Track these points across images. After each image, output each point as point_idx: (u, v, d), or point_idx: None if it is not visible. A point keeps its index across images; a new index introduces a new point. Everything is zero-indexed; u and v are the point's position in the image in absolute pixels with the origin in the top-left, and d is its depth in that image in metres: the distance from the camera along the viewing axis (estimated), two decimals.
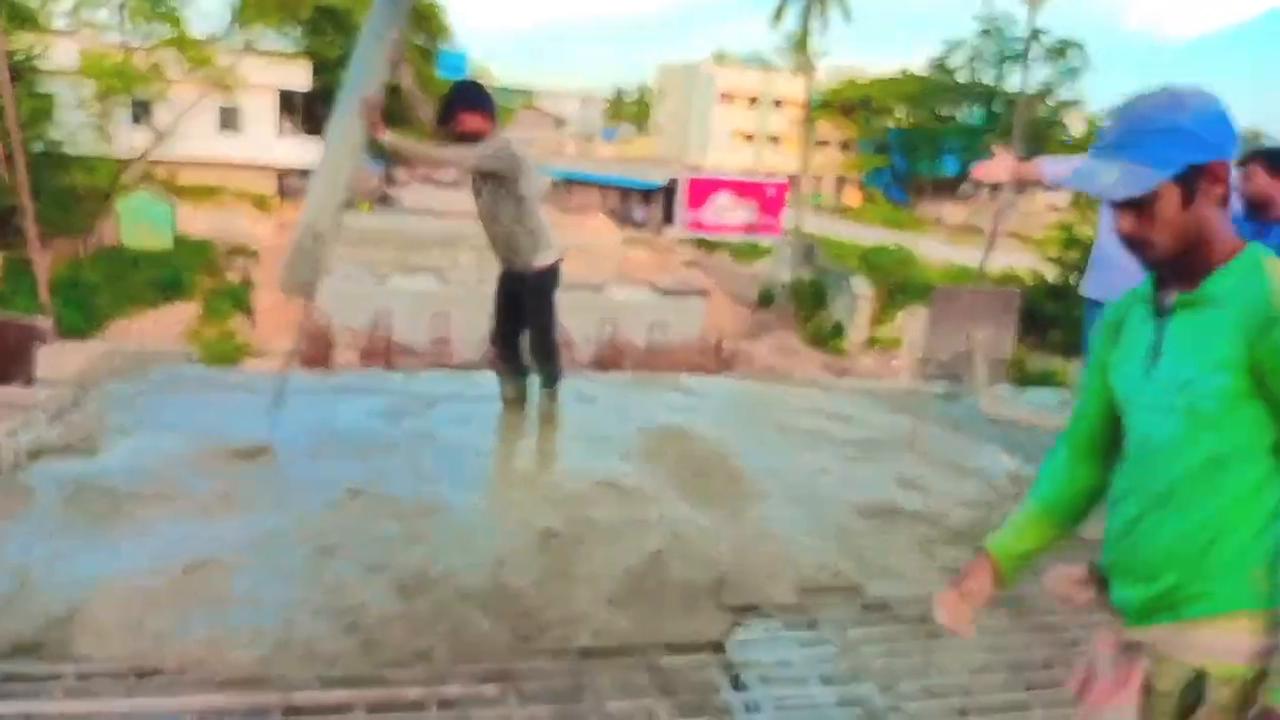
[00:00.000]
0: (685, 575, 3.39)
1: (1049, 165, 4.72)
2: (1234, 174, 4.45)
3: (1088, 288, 4.80)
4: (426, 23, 42.77)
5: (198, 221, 31.00)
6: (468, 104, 4.46)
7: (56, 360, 5.78)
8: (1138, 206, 1.55)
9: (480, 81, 4.68)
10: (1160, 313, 1.63)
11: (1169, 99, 1.56)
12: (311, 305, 4.87)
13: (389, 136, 4.22)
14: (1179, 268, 1.60)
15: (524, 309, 4.82)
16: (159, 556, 3.24)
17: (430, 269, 28.24)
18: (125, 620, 2.94)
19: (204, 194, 31.85)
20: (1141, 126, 1.55)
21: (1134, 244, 1.60)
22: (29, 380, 5.57)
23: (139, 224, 28.57)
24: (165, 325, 24.96)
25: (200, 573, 3.17)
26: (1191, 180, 1.52)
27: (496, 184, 4.46)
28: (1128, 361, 1.70)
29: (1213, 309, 1.53)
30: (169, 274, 26.98)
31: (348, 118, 4.25)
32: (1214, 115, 1.54)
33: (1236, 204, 4.52)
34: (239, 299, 27.87)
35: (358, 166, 4.44)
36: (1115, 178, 1.55)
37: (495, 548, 3.45)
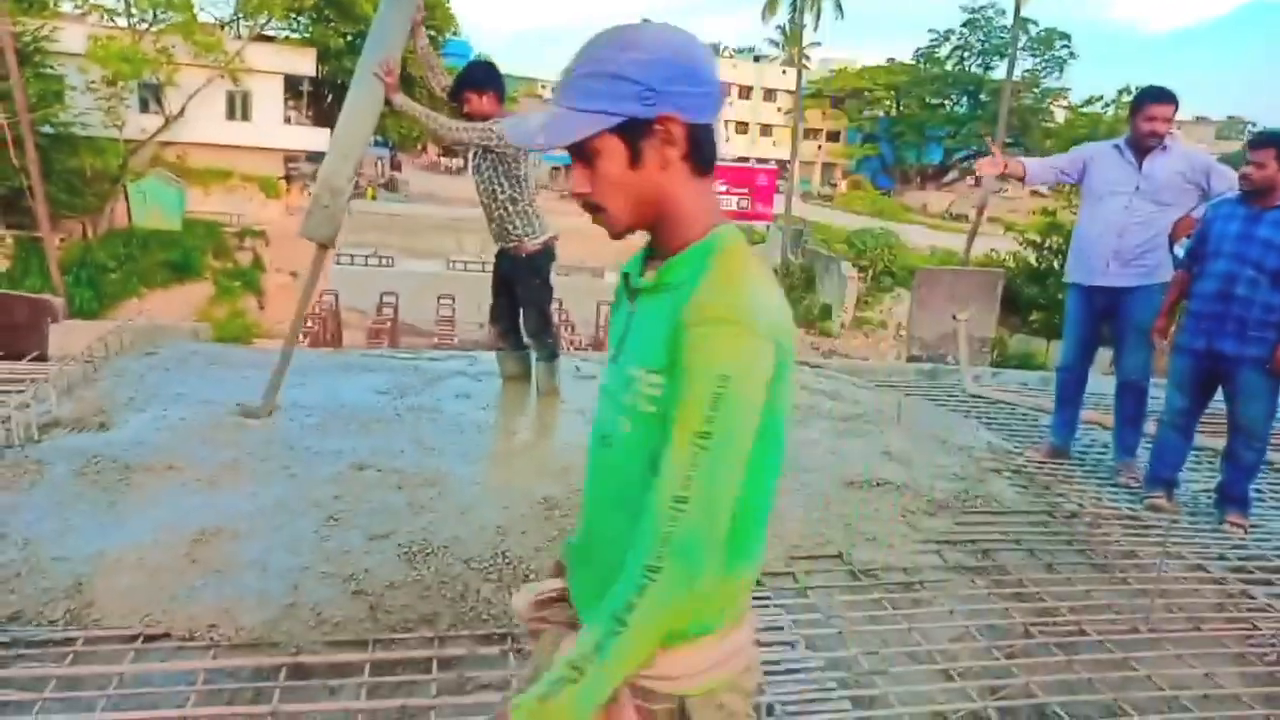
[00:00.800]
0: None
1: (1032, 165, 4.97)
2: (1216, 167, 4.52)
3: (1068, 271, 4.94)
4: (431, 13, 42.73)
5: (207, 204, 31.14)
6: (478, 84, 4.64)
7: (68, 337, 5.89)
8: (586, 163, 1.30)
9: (493, 63, 4.85)
10: (631, 295, 1.39)
11: (620, 37, 1.27)
12: (328, 256, 5.07)
13: (401, 98, 4.41)
14: (654, 243, 1.37)
15: (518, 289, 4.96)
16: (168, 526, 3.34)
17: (435, 253, 28.34)
18: (134, 587, 3.03)
19: (213, 177, 31.95)
20: (588, 68, 1.27)
21: (587, 207, 1.34)
22: (41, 356, 5.68)
23: (149, 206, 28.69)
24: (176, 306, 25.12)
25: (208, 541, 3.27)
26: (636, 136, 1.26)
27: (495, 162, 4.61)
28: (610, 341, 1.46)
29: (667, 300, 1.28)
30: (179, 255, 27.15)
31: (367, 78, 4.41)
32: (670, 61, 1.25)
33: (1222, 184, 4.57)
34: (249, 280, 28.06)
35: (374, 126, 4.63)
36: (541, 124, 1.29)
37: (497, 517, 3.55)
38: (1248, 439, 4.27)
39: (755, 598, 3.30)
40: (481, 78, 4.66)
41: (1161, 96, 4.67)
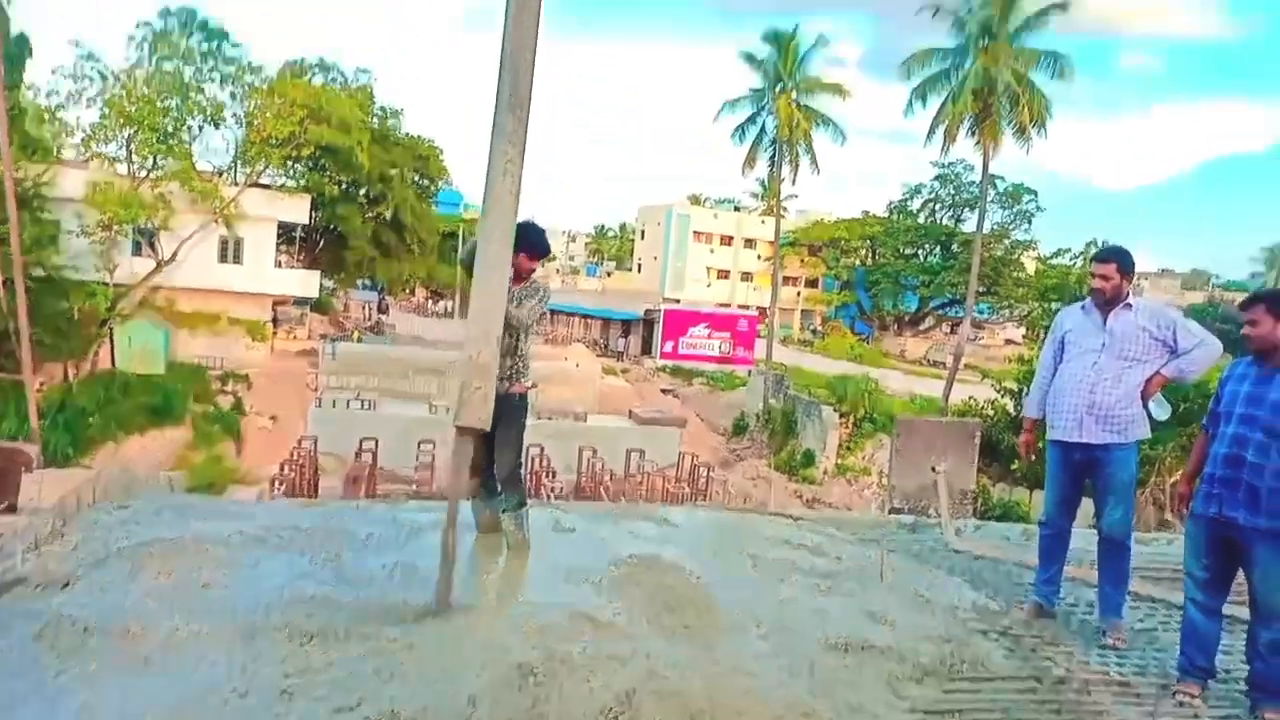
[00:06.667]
0: (659, 714, 3.37)
1: (1033, 399, 5.17)
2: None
3: (1047, 427, 5.02)
4: (426, 164, 44.55)
5: (193, 346, 31.39)
6: (522, 248, 4.83)
7: (41, 487, 5.81)
8: None
9: (533, 223, 5.00)
10: None
11: None
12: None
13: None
14: None
15: (496, 429, 4.96)
16: (118, 709, 3.19)
17: (418, 396, 28.42)
18: None
19: (200, 320, 32.30)
20: None
21: None
22: (12, 507, 5.58)
23: (134, 349, 28.89)
24: (154, 450, 24.86)
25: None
26: None
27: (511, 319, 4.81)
28: None
29: None
30: (160, 399, 27.10)
31: (494, 246, 4.41)
32: None
33: (1189, 340, 4.67)
34: (229, 424, 27.93)
35: (505, 299, 4.59)
36: None
37: (469, 684, 3.43)
38: (1266, 618, 3.94)
39: None
40: (525, 243, 4.82)
41: (1099, 256, 4.90)
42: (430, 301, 63.48)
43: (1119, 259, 4.82)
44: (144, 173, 30.66)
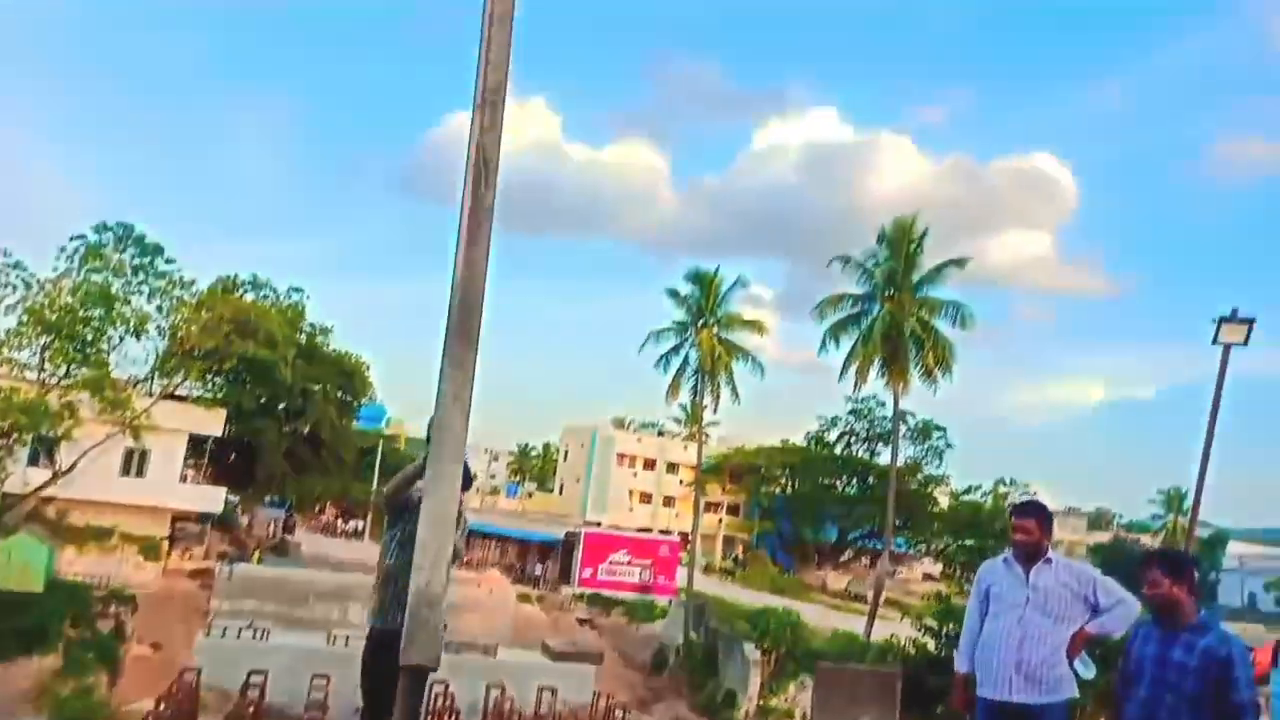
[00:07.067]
0: None
1: (963, 653, 5.06)
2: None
3: (977, 683, 4.88)
4: (351, 379, 44.69)
5: (78, 564, 29.44)
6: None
7: None
8: None
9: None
10: None
11: None
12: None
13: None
14: None
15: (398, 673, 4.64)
16: None
17: (318, 623, 26.79)
18: None
19: (91, 535, 30.51)
20: None
21: None
22: None
23: (12, 566, 26.87)
24: (17, 679, 22.64)
25: None
26: None
27: None
28: None
29: None
30: (34, 621, 24.92)
31: (442, 478, 4.24)
32: None
33: (1108, 599, 4.69)
34: (105, 651, 25.72)
35: (454, 525, 4.36)
36: None
37: None
38: None
39: None
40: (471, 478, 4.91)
41: (1020, 511, 5.00)
42: (340, 520, 61.43)
43: (1039, 514, 4.91)
44: (55, 380, 29.83)
